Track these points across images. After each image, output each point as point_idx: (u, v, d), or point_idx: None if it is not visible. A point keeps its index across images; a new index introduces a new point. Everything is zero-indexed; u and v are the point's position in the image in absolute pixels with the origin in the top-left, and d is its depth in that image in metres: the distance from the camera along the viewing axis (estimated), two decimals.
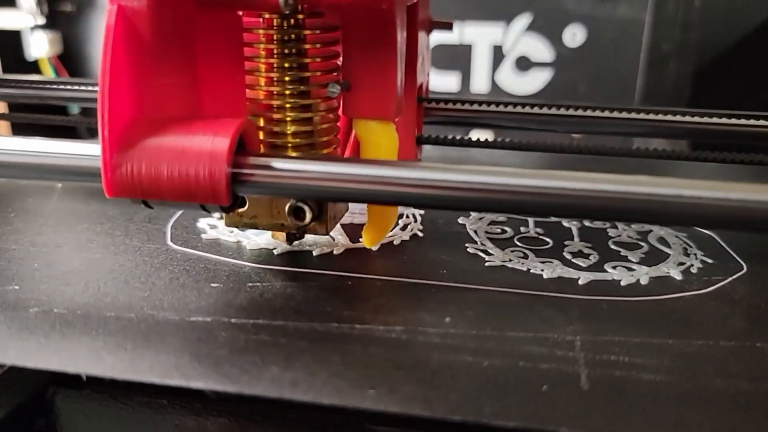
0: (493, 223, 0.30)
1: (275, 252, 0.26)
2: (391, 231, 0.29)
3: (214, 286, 0.23)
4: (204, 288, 0.23)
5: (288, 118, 0.24)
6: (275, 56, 0.23)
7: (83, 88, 0.37)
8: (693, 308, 0.23)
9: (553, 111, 0.31)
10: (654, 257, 0.27)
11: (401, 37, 0.23)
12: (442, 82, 0.56)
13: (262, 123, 0.24)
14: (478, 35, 0.55)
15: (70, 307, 0.21)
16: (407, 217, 0.31)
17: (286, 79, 0.23)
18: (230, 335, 0.20)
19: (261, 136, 0.24)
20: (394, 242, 0.28)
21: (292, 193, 0.22)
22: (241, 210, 0.24)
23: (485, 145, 0.30)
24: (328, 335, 0.20)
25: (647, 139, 0.42)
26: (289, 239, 0.26)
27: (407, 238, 0.28)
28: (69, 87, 0.37)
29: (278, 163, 0.20)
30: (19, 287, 0.23)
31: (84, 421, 0.21)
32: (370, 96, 0.23)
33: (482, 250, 0.27)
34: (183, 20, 0.22)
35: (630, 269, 0.25)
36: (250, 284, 0.23)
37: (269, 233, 0.28)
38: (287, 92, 0.23)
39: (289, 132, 0.24)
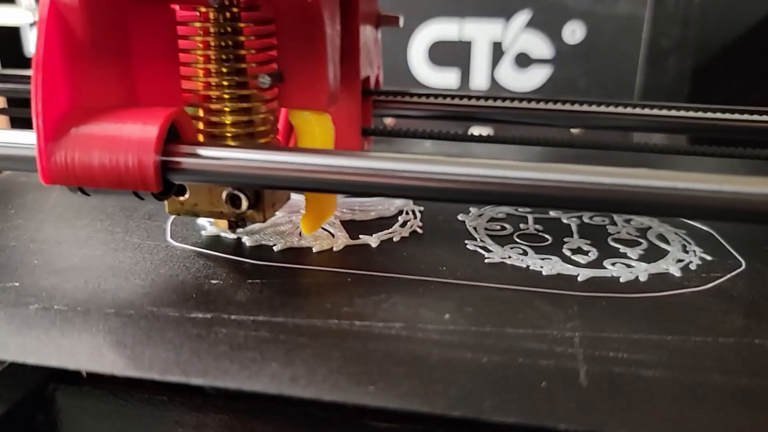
0: (492, 220, 0.30)
1: (275, 249, 0.26)
2: (391, 228, 0.29)
3: (213, 283, 0.23)
4: (204, 284, 0.23)
5: (226, 109, 0.24)
6: (212, 48, 0.24)
7: None
8: (692, 305, 0.23)
9: (564, 106, 0.31)
10: (653, 254, 0.27)
11: (331, 30, 0.24)
12: (441, 78, 0.56)
13: (201, 113, 0.25)
14: (477, 32, 0.55)
15: (70, 303, 0.21)
16: (407, 213, 0.31)
17: (223, 70, 0.24)
18: (230, 332, 0.20)
19: (201, 126, 0.25)
20: (394, 239, 0.28)
21: (222, 180, 0.22)
22: (182, 198, 0.25)
23: (486, 140, 0.30)
24: (328, 332, 0.20)
25: (646, 134, 0.42)
26: (231, 227, 0.27)
27: (407, 234, 0.28)
28: None
29: (207, 151, 0.21)
30: (19, 284, 0.23)
31: (84, 418, 0.21)
32: (302, 87, 0.24)
33: (482, 247, 0.27)
34: (116, 12, 0.23)
35: (629, 266, 0.25)
36: (250, 281, 0.23)
37: (268, 231, 0.28)
38: (224, 83, 0.24)
39: (227, 122, 0.24)
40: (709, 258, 0.26)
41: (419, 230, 0.29)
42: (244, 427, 0.20)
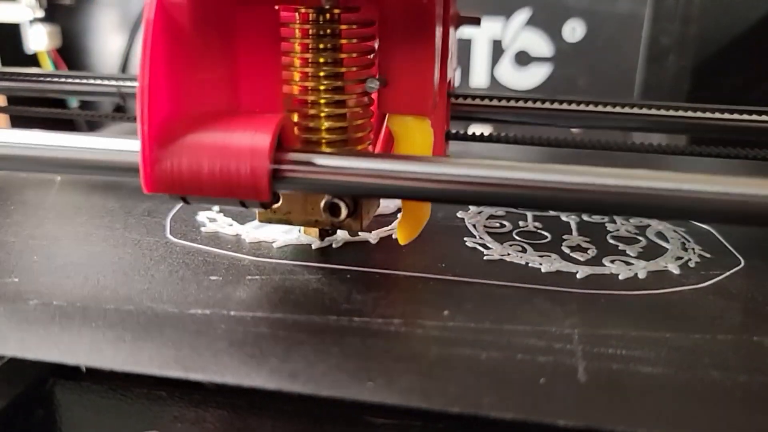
0: (491, 217, 0.30)
1: (274, 245, 0.26)
2: (390, 224, 0.29)
3: (213, 279, 0.23)
4: (203, 281, 0.23)
5: (323, 114, 0.23)
6: (310, 51, 0.23)
7: (82, 81, 0.37)
8: (691, 302, 0.23)
9: (564, 106, 0.31)
10: (652, 252, 0.27)
11: (440, 31, 0.23)
12: None
13: (296, 118, 0.24)
14: (477, 30, 0.55)
15: (69, 299, 0.22)
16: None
17: (321, 74, 0.23)
18: (229, 327, 0.20)
19: (296, 131, 0.24)
20: (393, 235, 0.28)
21: (332, 189, 0.22)
22: (275, 206, 0.24)
23: (488, 139, 0.30)
24: (327, 328, 0.20)
25: (646, 134, 0.42)
26: (322, 236, 0.26)
27: None
28: (68, 80, 0.38)
29: (318, 159, 0.20)
30: (19, 279, 0.23)
31: (84, 413, 0.21)
32: (407, 91, 0.23)
33: (481, 244, 0.27)
34: (222, 14, 0.22)
35: (628, 263, 0.25)
36: (249, 277, 0.23)
37: (267, 227, 0.28)
38: (322, 87, 0.23)
39: (323, 128, 0.24)
40: (708, 256, 0.26)
41: None
42: (243, 422, 0.20)
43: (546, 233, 0.28)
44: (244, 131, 0.20)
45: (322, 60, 0.23)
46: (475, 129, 0.33)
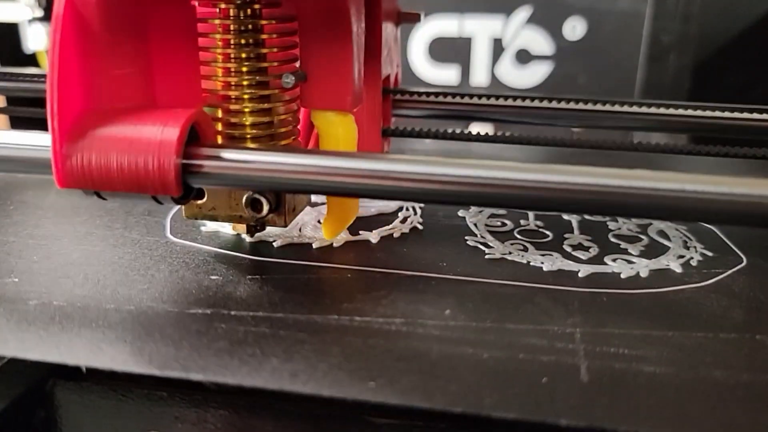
0: (493, 216, 0.30)
1: (275, 245, 0.26)
2: (391, 224, 0.29)
3: (213, 279, 0.23)
4: (203, 280, 0.23)
5: (246, 109, 0.23)
6: (232, 46, 0.23)
7: None
8: (693, 301, 0.23)
9: (535, 104, 0.32)
10: (654, 250, 0.27)
11: (357, 28, 0.23)
12: (441, 75, 0.56)
13: (220, 114, 0.24)
14: (477, 28, 0.55)
15: (69, 299, 0.21)
16: (407, 209, 0.31)
17: (243, 69, 0.23)
18: (230, 327, 0.20)
19: (219, 127, 0.24)
20: (394, 235, 0.28)
21: (245, 184, 0.22)
22: (200, 202, 0.24)
23: (450, 137, 0.30)
24: (328, 327, 0.20)
25: (648, 133, 0.42)
26: (250, 231, 0.26)
27: (407, 230, 0.28)
28: None
29: (230, 154, 0.20)
30: (18, 279, 0.23)
31: (84, 413, 0.21)
32: (326, 87, 0.23)
33: (482, 243, 0.27)
34: (134, 10, 0.22)
35: (630, 262, 0.25)
36: (250, 276, 0.23)
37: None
38: (245, 83, 0.23)
39: (247, 123, 0.24)
40: (710, 254, 0.26)
41: (419, 226, 0.29)
42: (244, 422, 0.20)
43: (547, 232, 0.28)
44: (153, 125, 0.20)
45: (243, 55, 0.23)
46: (476, 128, 0.33)
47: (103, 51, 0.21)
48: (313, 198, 0.30)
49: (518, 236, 0.28)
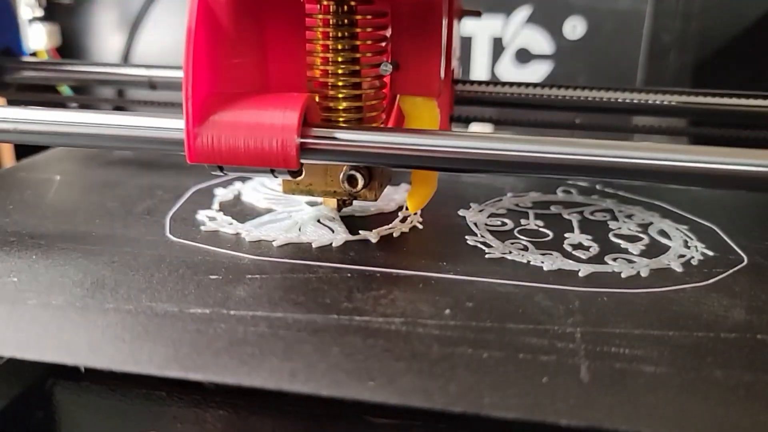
0: (493, 215, 0.30)
1: (274, 244, 0.26)
2: (391, 223, 0.29)
3: (213, 278, 0.23)
4: (203, 280, 0.23)
5: (340, 95, 0.26)
6: (330, 39, 0.25)
7: (116, 71, 0.40)
8: (694, 300, 0.22)
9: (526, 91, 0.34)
10: (654, 249, 0.27)
11: (445, 23, 0.25)
12: None
13: (317, 99, 0.26)
14: (477, 27, 0.54)
15: (68, 298, 0.21)
16: (406, 209, 0.30)
17: (339, 59, 0.25)
18: (229, 327, 0.20)
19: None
20: (394, 234, 0.28)
21: (350, 159, 0.24)
22: (298, 179, 0.26)
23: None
24: (328, 327, 0.20)
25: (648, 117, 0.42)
26: (339, 207, 0.29)
27: (407, 230, 0.28)
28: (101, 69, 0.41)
29: (338, 134, 0.23)
30: (18, 279, 0.23)
31: (83, 413, 0.21)
32: (417, 75, 0.26)
33: (482, 243, 0.27)
34: (254, 7, 0.24)
35: (630, 261, 0.25)
36: (249, 276, 0.23)
37: (269, 225, 0.28)
38: (340, 71, 0.25)
39: (341, 107, 0.26)
40: (710, 253, 0.26)
41: (419, 225, 0.29)
42: (243, 422, 0.20)
43: (548, 231, 0.28)
44: (275, 109, 0.22)
45: (340, 47, 0.25)
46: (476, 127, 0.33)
47: (228, 43, 0.23)
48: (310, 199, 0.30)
49: (518, 235, 0.28)
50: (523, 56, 0.54)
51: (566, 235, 0.28)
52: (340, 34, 0.25)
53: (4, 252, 0.25)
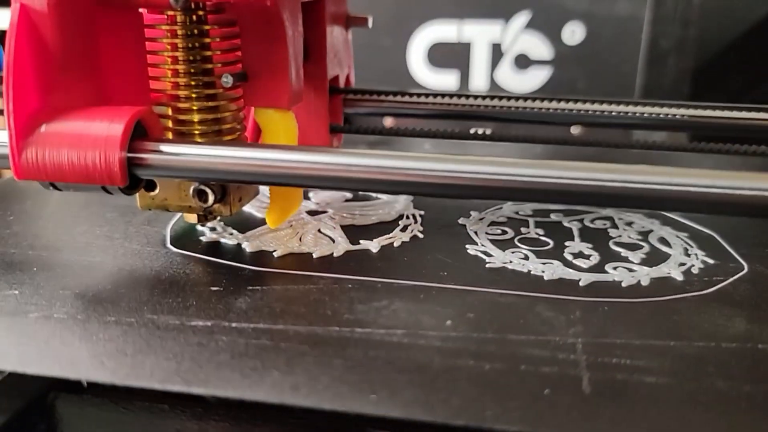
0: (493, 224, 0.30)
1: (275, 255, 0.26)
2: (391, 232, 0.29)
3: (213, 290, 0.23)
4: (204, 291, 0.23)
5: (193, 108, 0.25)
6: (180, 50, 0.24)
7: None
8: (694, 309, 0.22)
9: (523, 104, 0.32)
10: (655, 258, 0.27)
11: (292, 32, 0.25)
12: (440, 80, 0.56)
13: (170, 112, 0.25)
14: (476, 33, 0.55)
15: (69, 311, 0.21)
16: (407, 218, 0.31)
17: (191, 70, 0.24)
18: (231, 339, 0.20)
19: (170, 124, 0.25)
20: (394, 244, 0.28)
21: (186, 175, 0.23)
22: (152, 193, 0.26)
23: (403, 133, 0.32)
24: (329, 339, 0.20)
25: (647, 132, 0.42)
26: (200, 220, 0.28)
27: (407, 239, 0.28)
28: None
29: (171, 147, 0.23)
30: (19, 292, 0.23)
31: (85, 426, 0.20)
32: (265, 86, 0.25)
33: (483, 252, 0.27)
34: (84, 17, 0.23)
35: (631, 270, 0.25)
36: (250, 287, 0.23)
37: (268, 236, 0.28)
38: (192, 83, 0.25)
39: (195, 120, 0.25)
40: (711, 261, 0.26)
41: (420, 235, 0.29)
42: None
43: (548, 240, 0.28)
44: (101, 121, 0.22)
45: (191, 58, 0.24)
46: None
47: (55, 54, 0.22)
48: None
49: (519, 244, 0.28)
50: (522, 62, 0.55)
51: (567, 243, 0.28)
52: (190, 45, 0.24)
53: (6, 264, 0.25)
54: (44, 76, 0.22)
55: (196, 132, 0.25)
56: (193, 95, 0.25)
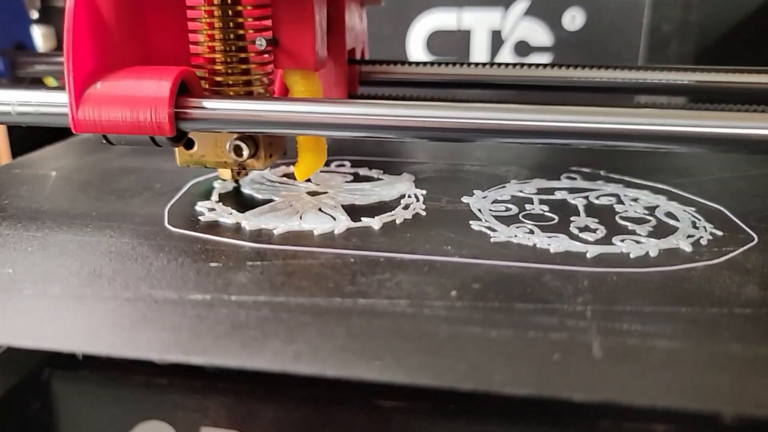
0: (496, 201, 0.30)
1: (275, 232, 0.26)
2: (393, 210, 0.28)
3: (213, 266, 0.23)
4: (203, 267, 0.22)
5: (227, 70, 0.27)
6: (215, 17, 0.26)
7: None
8: (705, 278, 0.22)
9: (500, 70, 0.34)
10: (662, 231, 0.26)
11: (318, 2, 0.27)
12: None
13: (207, 75, 0.27)
14: (476, 20, 0.54)
15: (65, 288, 0.21)
16: (409, 197, 0.30)
17: (226, 36, 0.26)
18: (230, 312, 0.19)
19: (206, 85, 0.27)
20: (397, 221, 0.27)
21: (225, 127, 0.25)
22: (191, 151, 0.28)
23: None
24: (332, 309, 0.19)
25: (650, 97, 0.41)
26: (233, 176, 0.31)
27: (409, 217, 0.28)
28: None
29: (212, 103, 0.25)
30: (12, 270, 0.22)
31: (81, 403, 0.20)
32: (293, 50, 0.27)
33: (487, 227, 0.26)
34: None
35: (638, 242, 0.25)
36: (250, 263, 0.23)
37: (268, 215, 0.27)
38: (226, 48, 0.27)
39: (229, 81, 0.27)
40: (719, 233, 0.26)
41: (422, 213, 0.28)
42: (246, 408, 0.19)
43: (553, 215, 0.28)
44: (149, 80, 0.24)
45: (224, 24, 0.26)
46: None
47: (108, 19, 0.25)
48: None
49: (523, 220, 0.27)
50: (523, 49, 0.54)
51: (572, 218, 0.27)
52: (224, 12, 0.26)
53: None
54: (99, 39, 0.25)
55: (231, 92, 0.27)
56: (228, 59, 0.27)
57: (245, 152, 0.28)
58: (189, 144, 0.28)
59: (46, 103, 0.26)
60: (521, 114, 0.23)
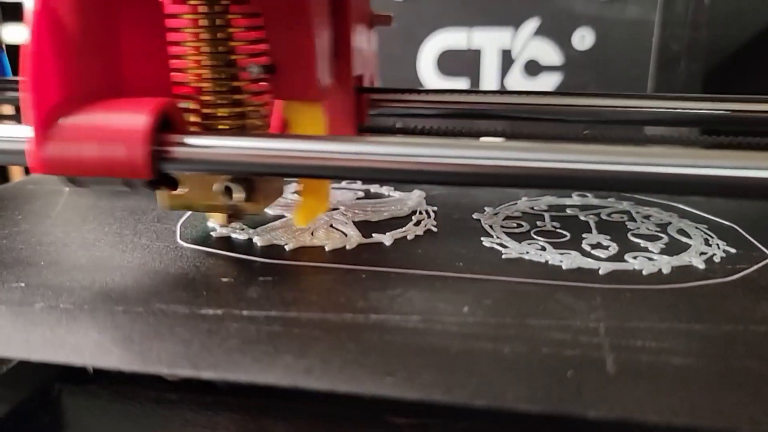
0: (508, 218, 0.30)
1: (287, 248, 0.26)
2: (404, 227, 0.28)
3: (224, 281, 0.23)
4: (214, 282, 0.22)
5: (217, 100, 0.24)
6: (202, 40, 0.23)
7: None
8: (719, 295, 0.22)
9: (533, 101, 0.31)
10: (675, 247, 0.26)
11: (319, 21, 0.24)
12: (451, 87, 0.56)
13: (193, 106, 0.24)
14: (486, 40, 0.54)
15: (76, 302, 0.21)
16: (420, 213, 0.30)
17: (215, 63, 0.23)
18: (241, 326, 0.19)
19: (193, 118, 0.24)
20: (408, 237, 0.27)
21: (213, 168, 0.22)
22: (175, 192, 0.25)
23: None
24: (343, 325, 0.19)
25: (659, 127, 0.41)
26: (228, 220, 0.27)
27: (421, 233, 0.28)
28: None
29: (198, 140, 0.21)
30: (25, 284, 0.22)
31: (91, 418, 0.20)
32: (292, 78, 0.24)
33: (498, 244, 0.26)
34: (106, 5, 0.23)
35: (651, 259, 0.25)
36: (262, 278, 0.23)
37: (279, 231, 0.27)
38: (216, 75, 0.24)
39: (219, 114, 0.24)
40: (732, 250, 0.26)
41: (434, 229, 0.28)
42: (256, 424, 0.19)
43: (565, 232, 0.28)
44: (126, 113, 0.21)
45: (214, 49, 0.23)
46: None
47: (76, 43, 0.21)
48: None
49: (535, 236, 0.27)
50: (533, 68, 0.54)
51: (584, 235, 0.27)
52: (213, 36, 0.23)
53: (13, 259, 0.25)
54: (65, 65, 0.21)
55: (220, 126, 0.24)
56: (218, 88, 0.24)
57: (237, 194, 0.24)
58: (172, 184, 0.24)
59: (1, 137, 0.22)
60: (561, 155, 0.19)
